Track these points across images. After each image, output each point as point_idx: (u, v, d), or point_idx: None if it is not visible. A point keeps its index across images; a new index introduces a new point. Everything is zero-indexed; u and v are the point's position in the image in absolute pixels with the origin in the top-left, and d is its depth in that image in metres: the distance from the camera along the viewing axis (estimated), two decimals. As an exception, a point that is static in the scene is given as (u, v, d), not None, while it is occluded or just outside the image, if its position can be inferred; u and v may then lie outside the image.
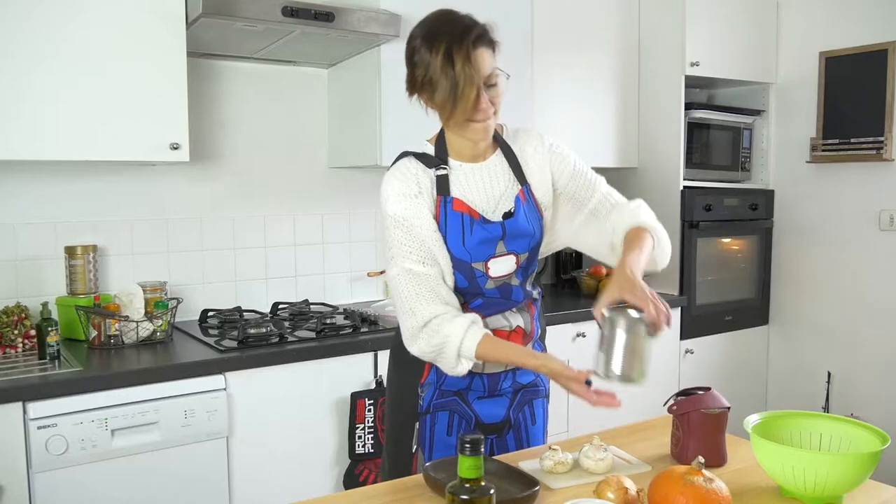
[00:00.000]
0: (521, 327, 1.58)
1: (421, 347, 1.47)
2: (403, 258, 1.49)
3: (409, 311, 1.47)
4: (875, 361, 3.12)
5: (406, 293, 1.47)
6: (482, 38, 1.44)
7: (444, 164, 1.54)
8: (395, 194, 1.51)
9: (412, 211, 1.49)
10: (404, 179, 1.52)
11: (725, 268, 3.39)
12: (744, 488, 1.32)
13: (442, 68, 1.40)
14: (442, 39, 1.41)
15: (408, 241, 1.49)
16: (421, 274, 1.47)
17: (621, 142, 3.25)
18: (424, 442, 1.58)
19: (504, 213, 1.55)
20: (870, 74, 3.01)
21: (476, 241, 1.51)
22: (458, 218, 1.51)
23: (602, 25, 3.14)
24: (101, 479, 1.87)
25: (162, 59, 2.15)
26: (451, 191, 1.52)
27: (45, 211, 2.34)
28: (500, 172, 1.57)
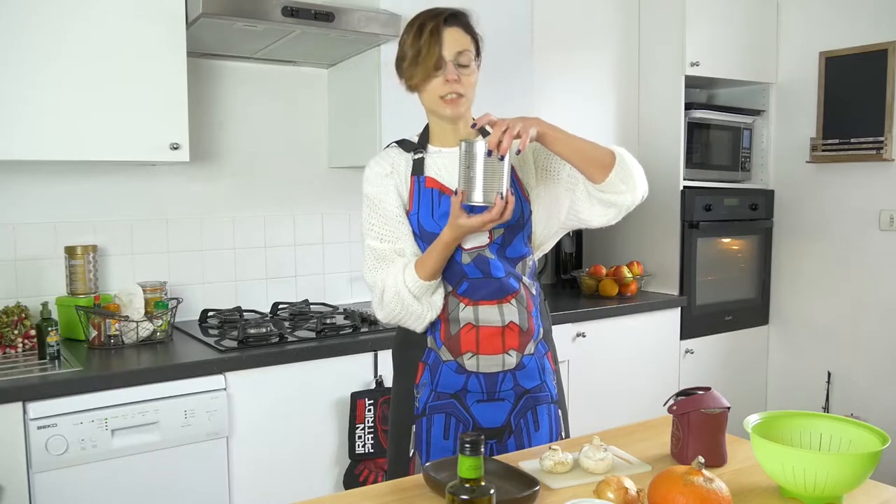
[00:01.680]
0: (514, 323, 1.56)
1: (386, 311, 1.55)
2: (367, 235, 1.60)
3: (371, 284, 1.58)
4: (875, 361, 3.12)
5: (366, 267, 1.59)
6: (455, 17, 1.56)
7: (421, 149, 1.62)
8: (370, 175, 1.63)
9: (380, 188, 1.59)
10: (380, 161, 1.64)
11: (725, 268, 3.39)
12: (744, 488, 1.32)
13: (412, 41, 1.52)
14: (418, 18, 1.54)
15: (372, 219, 1.59)
16: (379, 249, 1.58)
17: (621, 142, 3.25)
18: (421, 446, 1.58)
19: None
20: (870, 74, 3.01)
21: (444, 211, 1.54)
22: (429, 193, 1.57)
23: (602, 25, 3.14)
24: (101, 479, 1.87)
25: (162, 59, 2.15)
26: (426, 170, 1.59)
27: (45, 211, 2.34)
28: None
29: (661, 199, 3.22)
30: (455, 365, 1.56)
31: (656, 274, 3.26)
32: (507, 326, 1.55)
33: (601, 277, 3.14)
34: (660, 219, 3.23)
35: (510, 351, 1.56)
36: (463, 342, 1.55)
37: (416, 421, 1.58)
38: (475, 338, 1.55)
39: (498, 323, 1.55)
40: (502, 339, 1.56)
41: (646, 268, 3.25)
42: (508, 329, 1.56)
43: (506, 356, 1.56)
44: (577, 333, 2.78)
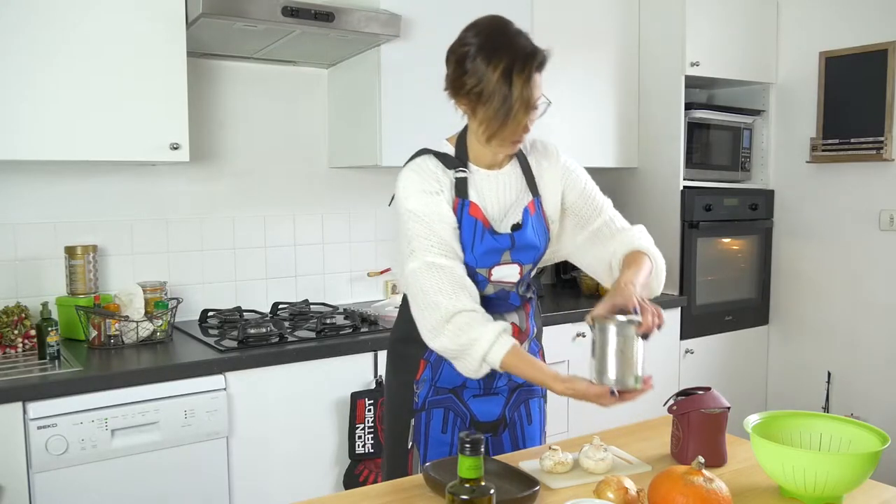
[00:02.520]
0: (515, 324, 1.58)
1: (444, 344, 1.43)
2: (425, 252, 1.45)
3: (431, 304, 1.43)
4: (875, 361, 3.12)
5: (428, 286, 1.43)
6: (542, 65, 1.44)
7: (463, 167, 1.54)
8: (414, 191, 1.49)
9: (433, 207, 1.48)
10: (424, 176, 1.51)
11: (725, 268, 3.39)
12: (744, 488, 1.32)
13: (498, 85, 1.40)
14: (502, 56, 1.40)
15: (428, 235, 1.46)
16: (444, 266, 1.44)
17: (621, 142, 3.25)
18: (420, 439, 1.59)
19: (512, 224, 1.56)
20: (870, 74, 3.01)
21: (484, 250, 1.51)
22: (472, 224, 1.51)
23: (602, 25, 3.14)
24: (101, 479, 1.87)
25: (162, 59, 2.15)
26: (469, 194, 1.52)
27: (45, 211, 2.34)
28: (514, 181, 1.58)
29: (661, 199, 3.22)
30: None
31: (656, 276, 3.25)
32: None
33: (601, 277, 3.13)
34: (660, 219, 3.23)
35: None
36: None
37: (415, 415, 1.59)
38: None
39: None
40: None
41: (646, 268, 3.24)
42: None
43: None
44: (577, 333, 2.78)
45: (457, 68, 1.46)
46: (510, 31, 1.46)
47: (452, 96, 1.50)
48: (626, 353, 1.31)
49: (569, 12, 3.02)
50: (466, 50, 1.44)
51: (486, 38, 1.44)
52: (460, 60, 1.45)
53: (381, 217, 3.00)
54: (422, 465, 1.56)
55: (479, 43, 1.43)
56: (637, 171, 3.33)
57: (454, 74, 1.47)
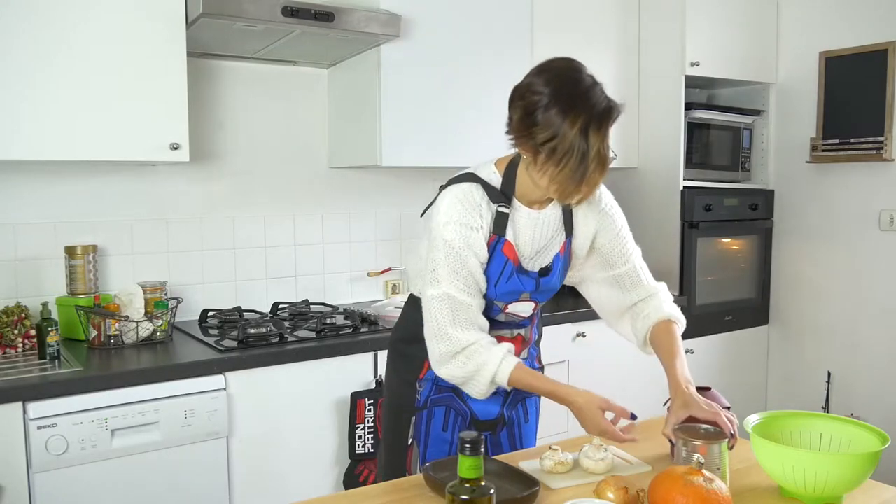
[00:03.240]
0: (521, 335, 1.63)
1: (452, 372, 1.47)
2: (449, 283, 1.45)
3: (443, 335, 1.45)
4: (875, 361, 3.12)
5: (442, 317, 1.45)
6: (616, 119, 1.40)
7: (507, 201, 1.50)
8: (455, 222, 1.46)
9: (470, 242, 1.46)
10: (469, 209, 1.47)
11: (725, 268, 3.39)
12: (744, 488, 1.32)
13: (574, 142, 1.34)
14: (581, 111, 1.34)
15: (457, 269, 1.45)
16: (463, 302, 1.45)
17: (621, 142, 3.25)
18: (420, 436, 1.60)
19: (541, 267, 1.56)
20: (870, 74, 3.01)
21: (507, 289, 1.52)
22: (502, 261, 1.50)
23: (602, 25, 3.14)
24: (101, 479, 1.87)
25: (162, 59, 2.15)
26: (507, 232, 1.51)
27: (45, 211, 2.34)
28: (552, 222, 1.56)
29: (661, 199, 3.22)
30: None
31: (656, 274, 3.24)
32: (514, 338, 1.63)
33: (601, 277, 3.14)
34: (660, 219, 3.23)
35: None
36: None
37: (417, 413, 1.61)
38: None
39: (508, 335, 1.62)
40: None
41: (646, 268, 3.25)
42: (515, 339, 1.62)
43: None
44: (577, 333, 2.78)
45: (524, 116, 1.39)
46: (585, 82, 1.40)
47: (518, 143, 1.42)
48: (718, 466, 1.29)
49: (568, 12, 3.02)
50: (538, 99, 1.37)
51: (561, 89, 1.37)
52: (529, 109, 1.38)
53: (381, 217, 3.00)
54: (421, 462, 1.58)
55: (552, 93, 1.36)
56: (637, 171, 3.33)
57: (522, 122, 1.39)
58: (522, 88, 1.41)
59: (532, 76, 1.42)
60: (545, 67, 1.42)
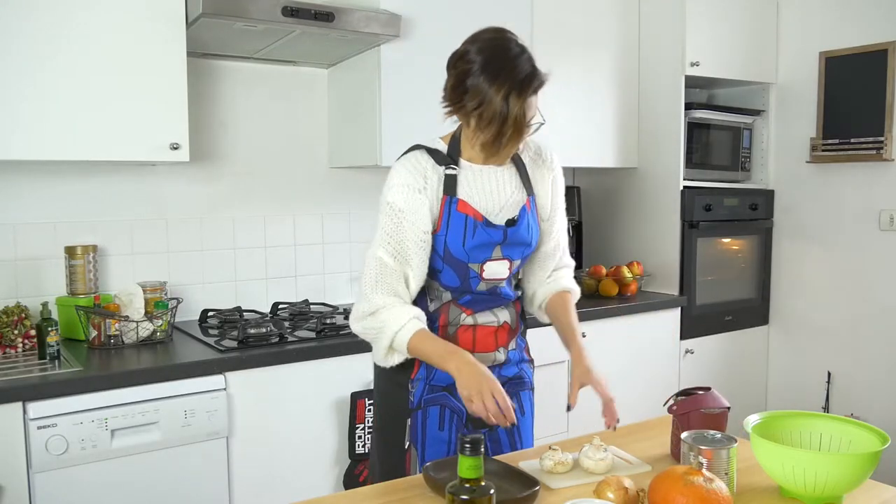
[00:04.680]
0: (507, 323, 1.65)
1: (362, 328, 1.55)
2: (380, 245, 1.53)
3: (364, 294, 1.54)
4: (875, 361, 3.12)
5: (368, 277, 1.54)
6: (539, 87, 1.46)
7: (454, 164, 1.56)
8: (400, 184, 1.53)
9: (410, 205, 1.52)
10: (413, 172, 1.54)
11: (725, 268, 3.39)
12: (744, 488, 1.32)
13: (498, 108, 1.41)
14: (505, 79, 1.41)
15: (391, 232, 1.52)
16: (388, 266, 1.52)
17: (621, 142, 3.25)
18: (417, 438, 1.60)
19: (508, 219, 1.58)
20: (870, 74, 3.01)
21: (475, 244, 1.54)
22: (462, 219, 1.53)
23: (602, 25, 3.14)
24: (101, 479, 1.87)
25: (162, 59, 2.15)
26: (458, 191, 1.55)
27: (45, 211, 2.34)
28: (509, 178, 1.61)
29: (661, 199, 3.22)
30: None
31: (656, 274, 3.26)
32: (500, 326, 1.64)
33: (601, 277, 3.14)
34: (660, 219, 3.23)
35: (500, 348, 1.64)
36: (460, 341, 1.60)
37: (411, 414, 1.60)
38: (472, 337, 1.61)
39: (493, 323, 1.63)
40: (495, 337, 1.63)
41: (646, 268, 3.25)
42: (501, 328, 1.64)
43: (497, 353, 1.64)
44: (577, 333, 2.78)
45: (457, 84, 1.46)
46: (513, 50, 1.45)
47: (452, 110, 1.50)
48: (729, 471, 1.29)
49: (569, 12, 3.02)
50: (469, 67, 1.44)
51: (490, 57, 1.43)
52: (461, 77, 1.45)
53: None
54: (420, 465, 1.57)
55: (482, 62, 1.43)
56: (637, 171, 3.33)
57: (454, 90, 1.47)
58: (455, 57, 1.49)
59: (466, 44, 1.49)
60: (477, 36, 1.49)
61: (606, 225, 3.51)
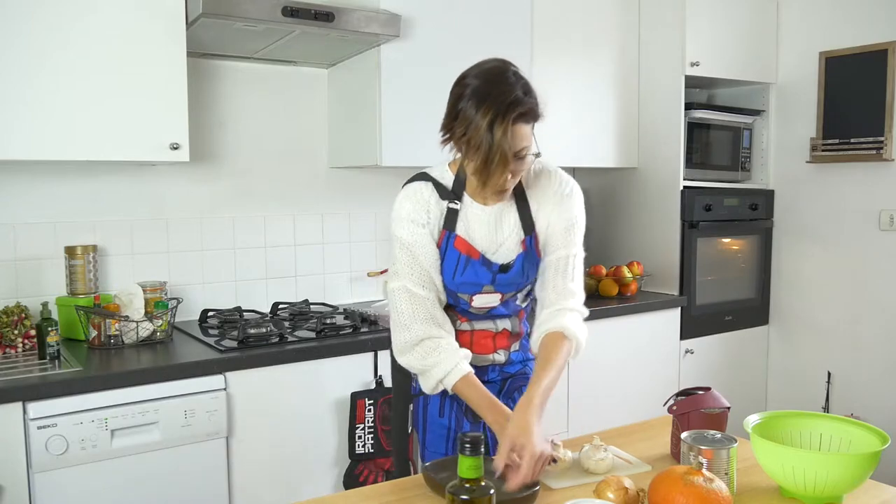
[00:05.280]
0: (507, 329, 1.65)
1: (410, 362, 1.55)
2: (405, 278, 1.54)
3: (404, 326, 1.54)
4: (875, 361, 3.12)
5: (403, 309, 1.54)
6: (524, 115, 1.39)
7: (457, 198, 1.55)
8: (404, 219, 1.54)
9: (417, 238, 1.53)
10: (416, 206, 1.54)
11: (725, 268, 3.39)
12: (744, 488, 1.32)
13: (483, 134, 1.36)
14: (491, 105, 1.36)
15: (410, 264, 1.53)
16: (419, 296, 1.53)
17: (621, 142, 3.25)
18: (418, 423, 1.65)
19: (502, 264, 1.56)
20: (870, 74, 3.01)
21: (464, 280, 1.55)
22: (455, 256, 1.55)
23: (602, 25, 3.14)
24: (101, 479, 1.87)
25: (162, 59, 2.15)
26: (457, 227, 1.55)
27: (45, 211, 2.34)
28: (507, 218, 1.57)
29: (661, 199, 3.22)
30: None
31: (656, 274, 3.26)
32: (499, 332, 1.65)
33: (601, 277, 3.14)
34: (660, 219, 3.23)
35: (499, 350, 1.65)
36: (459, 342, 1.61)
37: (413, 400, 1.66)
38: (469, 340, 1.64)
39: (492, 329, 1.64)
40: (493, 341, 1.65)
41: (646, 268, 3.25)
42: (500, 334, 1.65)
43: (495, 355, 1.65)
44: (577, 333, 2.78)
45: (451, 109, 1.44)
46: (508, 79, 1.40)
47: (446, 140, 1.46)
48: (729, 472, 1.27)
49: (569, 12, 3.02)
50: (462, 91, 1.41)
51: (482, 83, 1.39)
52: (455, 101, 1.43)
53: (381, 217, 3.00)
54: (421, 449, 1.64)
55: (475, 87, 1.40)
56: (637, 171, 3.33)
57: (448, 116, 1.45)
58: (456, 81, 1.46)
59: (467, 69, 1.46)
60: (481, 64, 1.45)
61: (606, 225, 3.51)
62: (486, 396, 1.49)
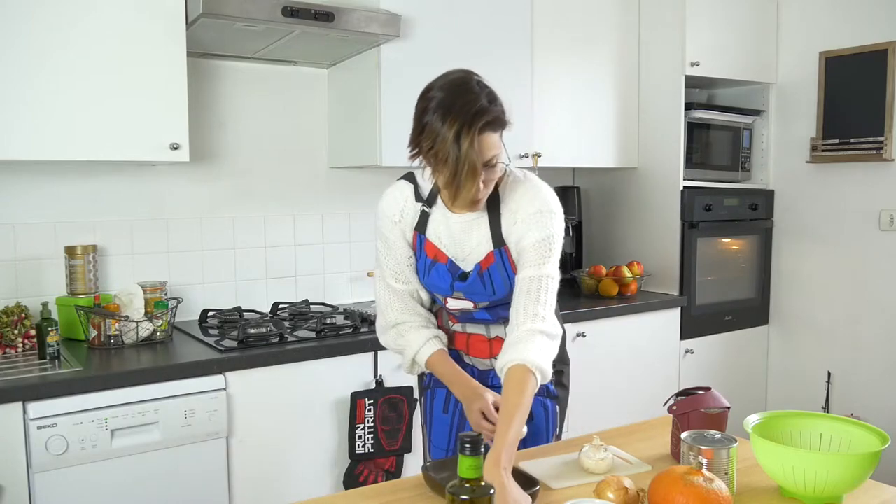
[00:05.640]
0: (500, 337, 1.63)
1: (387, 342, 1.67)
2: (384, 269, 1.64)
3: (381, 311, 1.66)
4: (875, 361, 3.12)
5: (382, 297, 1.65)
6: (491, 123, 1.38)
7: (429, 204, 1.57)
8: (382, 214, 1.62)
9: (390, 234, 1.61)
10: (392, 203, 1.61)
11: (725, 268, 3.39)
12: (744, 488, 1.32)
13: (450, 147, 1.35)
14: (456, 116, 1.34)
15: (387, 258, 1.63)
16: (395, 289, 1.63)
17: (621, 142, 3.25)
18: (427, 417, 1.74)
19: (461, 273, 1.56)
20: (870, 74, 3.01)
21: (431, 283, 1.60)
22: (423, 257, 1.59)
23: (602, 25, 3.14)
24: (101, 479, 1.87)
25: (162, 59, 2.15)
26: (427, 231, 1.58)
27: (45, 211, 2.34)
28: (478, 229, 1.53)
29: (661, 199, 3.22)
30: (456, 354, 1.68)
31: (656, 274, 3.26)
32: (493, 339, 1.65)
33: (601, 277, 3.14)
34: (660, 219, 3.23)
35: (496, 357, 1.58)
36: (457, 341, 1.68)
37: (423, 394, 1.77)
38: (466, 342, 1.67)
39: (485, 335, 1.65)
40: (489, 347, 1.65)
41: (646, 268, 3.25)
42: (495, 341, 1.64)
43: (492, 360, 1.64)
44: (577, 333, 2.78)
45: (417, 124, 1.42)
46: (472, 90, 1.38)
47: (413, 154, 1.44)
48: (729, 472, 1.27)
49: (569, 12, 3.02)
50: (427, 105, 1.40)
51: (447, 95, 1.38)
52: (420, 115, 1.41)
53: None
54: (428, 442, 1.73)
55: (440, 99, 1.38)
56: (637, 171, 3.33)
57: (414, 130, 1.43)
58: (421, 94, 1.44)
59: (432, 82, 1.44)
60: (445, 76, 1.44)
61: (606, 225, 3.51)
62: (455, 371, 1.58)
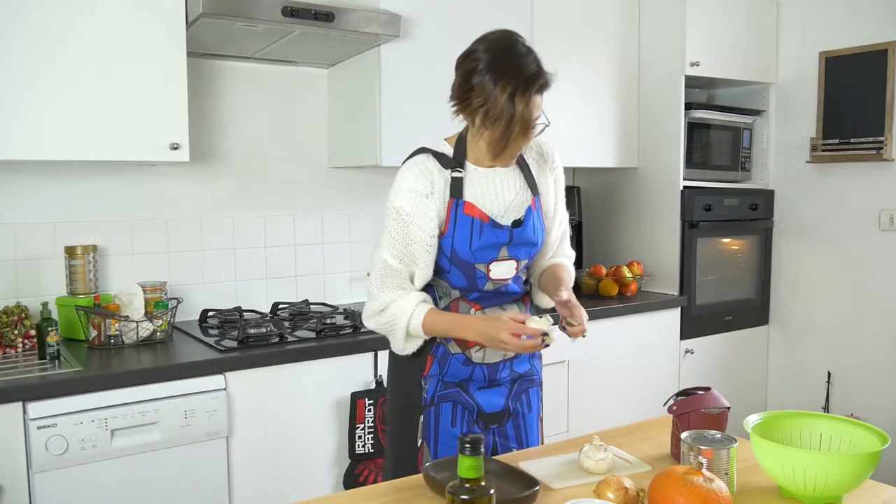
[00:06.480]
0: None
1: (372, 325, 1.61)
2: (386, 249, 1.58)
3: (372, 294, 1.60)
4: (875, 361, 3.12)
5: (374, 279, 1.59)
6: (543, 87, 1.48)
7: (460, 167, 1.58)
8: (407, 189, 1.56)
9: (419, 210, 1.55)
10: (420, 176, 1.56)
11: (725, 268, 3.39)
12: (744, 488, 1.32)
13: (504, 107, 1.44)
14: (510, 78, 1.44)
15: (396, 236, 1.57)
16: (393, 267, 1.57)
17: (621, 142, 3.25)
18: (429, 435, 1.62)
19: (514, 220, 1.60)
20: (870, 74, 3.01)
21: (481, 245, 1.56)
22: (468, 221, 1.56)
23: (602, 25, 3.14)
24: (101, 479, 1.87)
25: (162, 59, 2.15)
26: (465, 194, 1.57)
27: (45, 211, 2.34)
28: (513, 179, 1.63)
29: (661, 199, 3.22)
30: (463, 357, 1.62)
31: (656, 274, 3.26)
32: None
33: (601, 277, 3.14)
34: (660, 219, 3.23)
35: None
36: None
37: (424, 411, 1.62)
38: None
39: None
40: None
41: (646, 268, 3.25)
42: None
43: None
44: (577, 333, 2.78)
45: (463, 82, 1.50)
46: (519, 50, 1.48)
47: (458, 109, 1.53)
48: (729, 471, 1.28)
49: (569, 12, 3.02)
50: (475, 65, 1.47)
51: (495, 56, 1.46)
52: (467, 75, 1.49)
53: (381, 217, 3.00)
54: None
55: (488, 60, 1.46)
56: (637, 171, 3.33)
57: (461, 88, 1.51)
58: (463, 55, 1.53)
59: (474, 44, 1.52)
60: (485, 36, 1.52)
61: (606, 225, 3.51)
62: (457, 316, 1.57)
